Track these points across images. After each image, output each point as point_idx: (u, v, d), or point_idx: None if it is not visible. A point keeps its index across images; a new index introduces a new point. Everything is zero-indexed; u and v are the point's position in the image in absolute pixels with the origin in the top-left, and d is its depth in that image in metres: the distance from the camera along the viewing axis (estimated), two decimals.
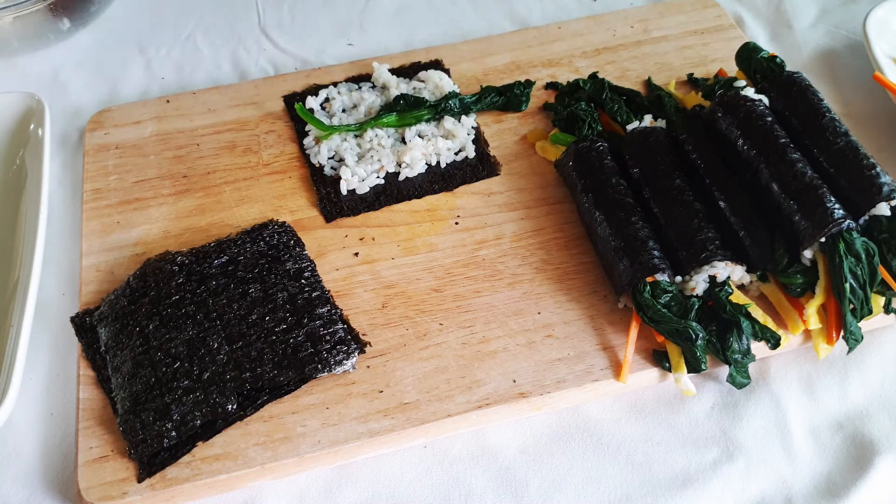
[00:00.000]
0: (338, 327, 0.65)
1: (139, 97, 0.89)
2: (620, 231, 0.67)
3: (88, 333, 0.68)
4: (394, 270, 0.71)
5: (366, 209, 0.75)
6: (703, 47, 0.88)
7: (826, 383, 0.66)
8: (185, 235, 0.74)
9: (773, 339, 0.64)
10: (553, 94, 0.85)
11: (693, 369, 0.63)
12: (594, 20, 0.92)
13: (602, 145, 0.73)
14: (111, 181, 0.79)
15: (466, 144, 0.79)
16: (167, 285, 0.67)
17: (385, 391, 0.63)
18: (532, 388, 0.63)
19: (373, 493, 0.61)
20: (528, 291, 0.69)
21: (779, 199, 0.66)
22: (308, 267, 0.69)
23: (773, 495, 0.60)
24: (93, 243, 0.74)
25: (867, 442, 0.62)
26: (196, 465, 0.60)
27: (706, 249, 0.65)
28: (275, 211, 0.76)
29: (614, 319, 0.67)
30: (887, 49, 0.82)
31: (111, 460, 0.60)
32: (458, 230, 0.74)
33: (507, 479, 0.62)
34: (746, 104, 0.71)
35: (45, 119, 0.79)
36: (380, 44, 0.95)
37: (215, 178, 0.79)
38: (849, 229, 0.63)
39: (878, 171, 0.65)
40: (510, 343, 0.66)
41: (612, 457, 0.62)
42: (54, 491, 0.62)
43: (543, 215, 0.74)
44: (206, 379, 0.62)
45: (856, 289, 0.62)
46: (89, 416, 0.63)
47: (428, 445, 0.63)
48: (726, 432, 0.63)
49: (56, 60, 0.94)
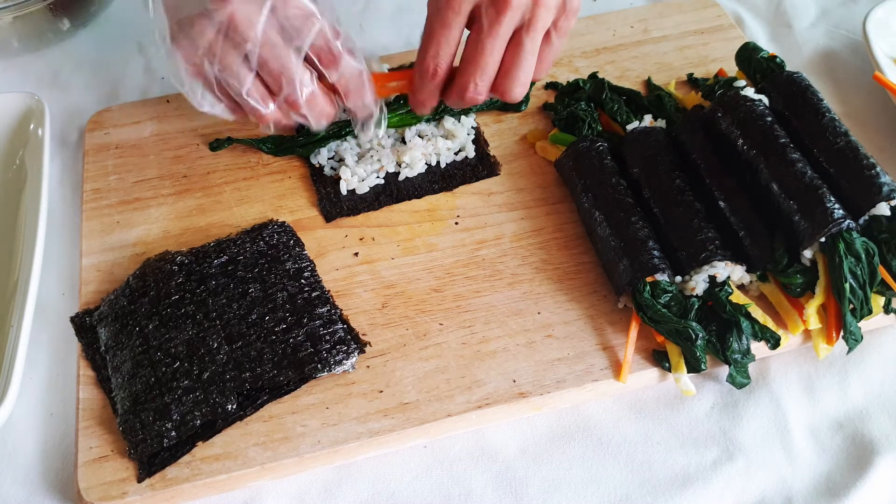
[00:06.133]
0: (338, 327, 0.65)
1: (139, 97, 0.89)
2: (620, 231, 0.67)
3: (88, 333, 0.68)
4: (394, 270, 0.71)
5: (366, 209, 0.75)
6: (703, 47, 0.88)
7: (826, 383, 0.66)
8: (184, 235, 0.74)
9: (773, 339, 0.64)
10: (553, 94, 0.85)
11: (693, 369, 0.63)
12: (594, 20, 0.92)
13: (602, 145, 0.73)
14: (111, 181, 0.79)
15: (466, 144, 0.79)
16: (167, 285, 0.67)
17: (385, 391, 0.63)
18: (532, 388, 0.63)
19: (373, 493, 0.61)
20: (528, 291, 0.69)
21: (779, 199, 0.66)
22: (308, 267, 0.69)
23: (773, 495, 0.60)
24: (93, 243, 0.74)
25: (867, 442, 0.62)
26: (196, 465, 0.60)
27: (706, 249, 0.65)
28: (275, 211, 0.76)
29: (614, 319, 0.67)
30: (887, 49, 0.82)
31: (111, 460, 0.60)
32: (457, 230, 0.74)
33: (506, 479, 0.62)
34: (746, 104, 0.71)
35: (45, 119, 0.79)
36: (380, 44, 0.95)
37: (215, 178, 0.79)
38: (849, 229, 0.63)
39: (878, 171, 0.65)
40: (510, 343, 0.66)
41: (612, 457, 0.63)
42: (54, 491, 0.62)
43: (543, 215, 0.74)
44: (206, 379, 0.62)
45: (856, 289, 0.62)
46: (89, 416, 0.63)
47: (428, 445, 0.63)
48: (726, 432, 0.63)
49: (56, 60, 0.94)
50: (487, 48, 0.64)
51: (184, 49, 0.63)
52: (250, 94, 0.64)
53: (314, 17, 0.63)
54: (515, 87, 0.67)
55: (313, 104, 0.65)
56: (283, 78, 0.63)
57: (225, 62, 0.62)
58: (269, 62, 0.63)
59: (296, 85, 0.63)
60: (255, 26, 0.61)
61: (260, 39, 0.62)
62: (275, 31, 0.62)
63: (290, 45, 0.63)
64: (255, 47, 0.62)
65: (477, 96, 0.67)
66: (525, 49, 0.65)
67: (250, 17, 0.61)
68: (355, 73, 0.67)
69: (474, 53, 0.65)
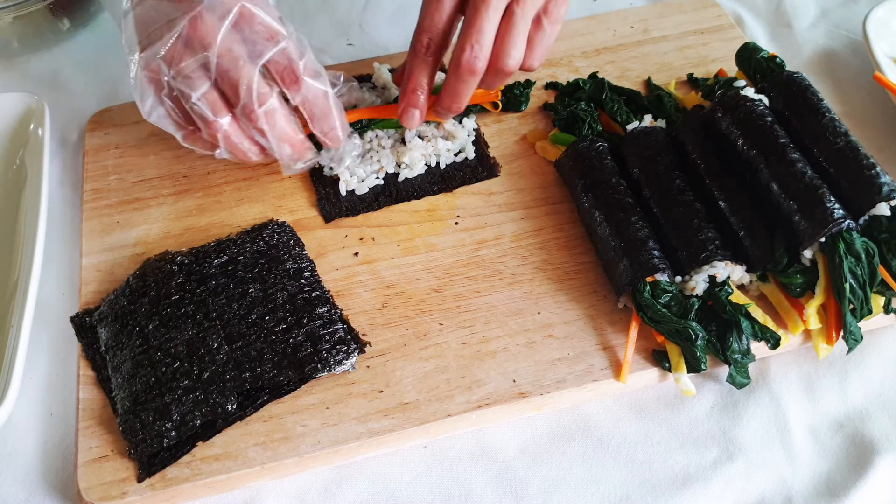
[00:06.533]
0: (337, 327, 0.65)
1: None
2: (620, 231, 0.67)
3: (88, 333, 0.68)
4: (394, 270, 0.71)
5: (365, 210, 0.75)
6: (703, 47, 0.88)
7: (826, 383, 0.66)
8: (184, 235, 0.74)
9: (773, 339, 0.64)
10: (553, 94, 0.85)
11: (693, 369, 0.63)
12: (594, 20, 0.92)
13: (602, 145, 0.73)
14: (111, 181, 0.79)
15: (466, 145, 0.79)
16: (167, 285, 0.67)
17: (385, 391, 0.63)
18: (532, 388, 0.63)
19: (373, 493, 0.61)
20: (528, 291, 0.69)
21: (779, 199, 0.66)
22: (308, 267, 0.69)
23: (773, 495, 0.60)
24: (93, 243, 0.74)
25: (867, 442, 0.62)
26: (196, 465, 0.60)
27: (706, 249, 0.65)
28: (275, 211, 0.76)
29: (614, 319, 0.67)
30: (887, 49, 0.82)
31: (111, 460, 0.60)
32: (457, 230, 0.74)
33: (506, 479, 0.62)
34: (746, 104, 0.71)
35: (45, 119, 0.79)
36: (380, 44, 0.95)
37: (215, 177, 0.79)
38: (849, 229, 0.63)
39: (878, 171, 0.65)
40: (510, 343, 0.66)
41: (612, 457, 0.63)
42: (54, 491, 0.62)
43: (543, 215, 0.74)
44: (206, 379, 0.62)
45: (856, 289, 0.62)
46: (89, 416, 0.63)
47: (428, 445, 0.63)
48: (726, 432, 0.63)
49: (56, 60, 0.94)
50: (482, 13, 0.66)
51: (144, 56, 0.64)
52: (202, 99, 0.64)
53: (279, 35, 0.64)
54: (509, 56, 0.69)
55: (273, 118, 0.66)
56: (241, 87, 0.64)
57: (180, 67, 0.63)
58: (228, 71, 0.63)
59: (253, 95, 0.64)
60: (216, 34, 0.62)
61: (219, 48, 0.62)
62: (237, 43, 0.63)
63: (252, 58, 0.64)
64: (214, 56, 0.63)
65: (474, 60, 0.67)
66: (517, 18, 0.67)
67: (212, 26, 0.62)
68: (319, 94, 0.67)
69: (470, 20, 0.67)
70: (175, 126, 0.68)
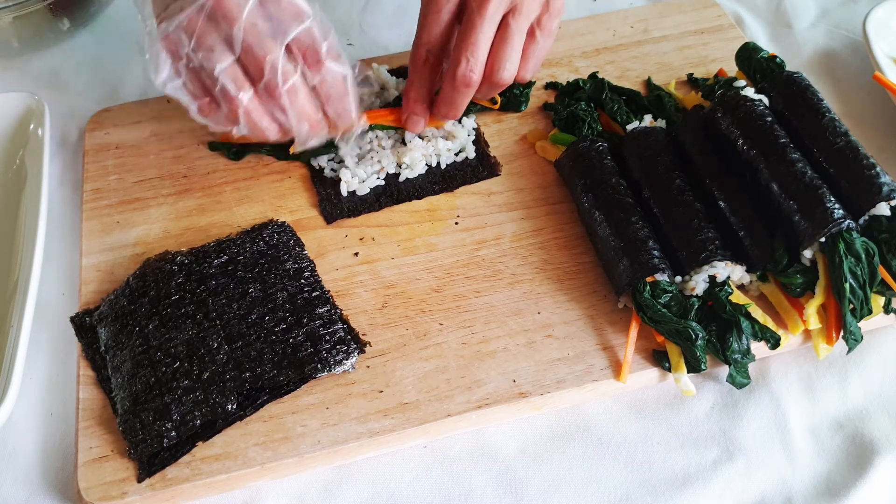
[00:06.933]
0: (338, 327, 0.65)
1: (139, 97, 0.89)
2: (620, 231, 0.67)
3: (88, 333, 0.68)
4: (394, 270, 0.71)
5: (366, 210, 0.75)
6: (703, 47, 0.88)
7: (826, 383, 0.66)
8: (184, 235, 0.74)
9: (773, 339, 0.64)
10: (553, 94, 0.85)
11: (693, 369, 0.63)
12: (594, 20, 0.92)
13: (602, 145, 0.73)
14: (111, 181, 0.79)
15: (466, 145, 0.79)
16: (167, 285, 0.67)
17: (385, 391, 0.63)
18: (532, 388, 0.63)
19: (373, 493, 0.61)
20: (528, 291, 0.69)
21: (779, 199, 0.66)
22: (308, 267, 0.69)
23: (773, 495, 0.60)
24: (93, 243, 0.74)
25: (867, 442, 0.62)
26: (196, 465, 0.60)
27: (706, 249, 0.65)
28: (275, 211, 0.76)
29: (614, 319, 0.67)
30: (887, 49, 0.82)
31: (111, 460, 0.60)
32: (457, 230, 0.74)
33: (506, 479, 0.62)
34: (746, 104, 0.71)
35: (45, 119, 0.79)
36: (380, 44, 0.95)
37: (215, 177, 0.79)
38: (849, 229, 0.63)
39: (878, 171, 0.65)
40: (510, 343, 0.66)
41: (612, 457, 0.63)
42: (54, 491, 0.62)
43: (543, 215, 0.74)
44: (206, 379, 0.62)
45: (856, 289, 0.62)
46: (89, 416, 0.63)
47: (428, 445, 0.63)
48: (726, 432, 0.63)
49: (56, 60, 0.94)
50: (477, 27, 0.67)
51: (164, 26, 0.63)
52: (225, 73, 0.64)
53: (305, 14, 0.64)
54: (504, 69, 0.70)
55: (295, 97, 0.66)
56: (265, 63, 0.64)
57: (202, 40, 0.63)
58: (252, 47, 0.63)
59: (278, 70, 0.64)
60: (242, 9, 0.62)
61: (245, 23, 0.62)
62: (262, 19, 0.63)
63: (277, 35, 0.64)
64: (240, 31, 0.62)
65: (469, 73, 0.69)
66: (512, 30, 0.69)
67: (238, 1, 0.62)
68: (338, 77, 0.67)
69: (466, 33, 0.68)
70: (191, 97, 0.67)
